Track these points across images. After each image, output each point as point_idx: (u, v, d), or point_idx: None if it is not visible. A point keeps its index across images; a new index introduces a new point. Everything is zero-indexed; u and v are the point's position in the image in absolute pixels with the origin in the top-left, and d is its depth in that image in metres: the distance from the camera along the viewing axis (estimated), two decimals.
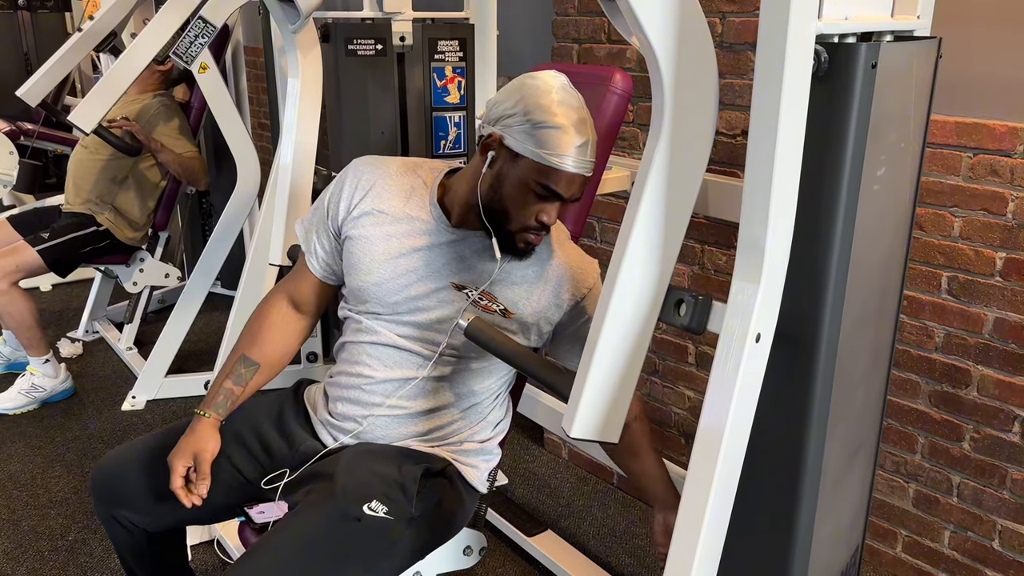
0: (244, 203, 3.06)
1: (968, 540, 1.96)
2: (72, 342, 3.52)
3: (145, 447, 1.55)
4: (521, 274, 1.48)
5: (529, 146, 1.33)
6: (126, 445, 1.58)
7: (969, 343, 1.87)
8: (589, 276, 1.53)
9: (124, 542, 1.57)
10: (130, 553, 1.60)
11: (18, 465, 2.64)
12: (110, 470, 1.53)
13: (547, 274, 1.49)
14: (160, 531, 1.58)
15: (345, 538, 1.32)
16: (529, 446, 2.83)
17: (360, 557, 1.34)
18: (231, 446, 1.54)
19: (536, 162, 1.33)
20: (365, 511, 1.33)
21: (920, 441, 2.00)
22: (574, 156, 1.33)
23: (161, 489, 1.49)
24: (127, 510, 1.52)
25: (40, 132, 4.06)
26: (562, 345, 1.56)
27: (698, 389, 2.37)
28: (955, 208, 1.84)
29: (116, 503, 1.52)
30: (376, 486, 1.37)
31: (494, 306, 1.46)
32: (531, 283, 1.48)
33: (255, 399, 1.61)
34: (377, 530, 1.34)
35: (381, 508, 1.34)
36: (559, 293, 1.50)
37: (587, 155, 1.35)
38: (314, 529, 1.31)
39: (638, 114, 2.35)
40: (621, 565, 2.23)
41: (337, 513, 1.33)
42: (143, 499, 1.51)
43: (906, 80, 1.17)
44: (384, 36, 2.30)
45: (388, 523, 1.35)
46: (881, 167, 1.14)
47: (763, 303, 1.03)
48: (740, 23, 2.06)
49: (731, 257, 2.18)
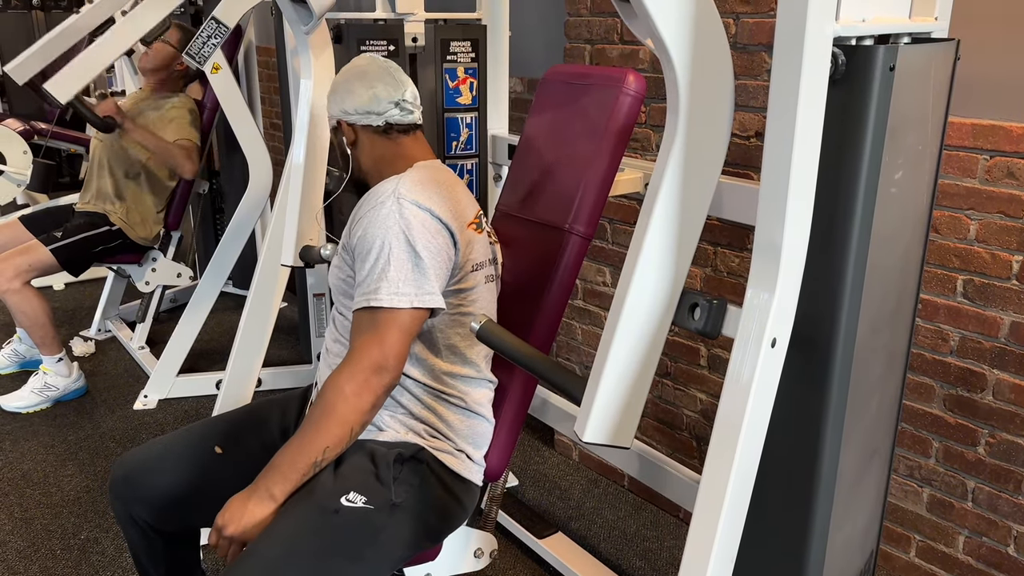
0: (256, 203, 3.07)
1: (983, 545, 1.94)
2: (84, 341, 3.53)
3: (165, 447, 1.57)
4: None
5: None
6: (147, 445, 1.60)
7: (985, 347, 1.85)
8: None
9: (139, 541, 1.58)
10: (144, 553, 1.60)
11: (31, 464, 2.65)
12: (130, 469, 1.55)
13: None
14: (175, 532, 1.59)
15: (326, 532, 1.33)
16: (539, 448, 2.83)
17: (343, 549, 1.34)
18: (236, 449, 1.55)
19: None
20: (343, 503, 1.35)
21: (935, 445, 1.99)
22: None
23: (180, 490, 1.51)
24: (144, 509, 1.53)
25: (53, 132, 4.08)
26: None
27: (710, 392, 2.36)
28: (971, 211, 1.82)
29: (134, 502, 1.53)
30: (352, 477, 1.39)
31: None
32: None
33: (264, 400, 1.62)
34: (358, 520, 1.35)
35: (359, 498, 1.36)
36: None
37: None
38: (295, 528, 1.32)
39: (650, 115, 2.34)
40: (632, 568, 2.22)
41: (315, 509, 1.34)
42: (161, 499, 1.52)
43: (924, 82, 1.16)
44: (396, 37, 2.30)
45: (368, 512, 1.36)
46: (898, 170, 1.13)
47: (779, 307, 1.03)
48: (754, 24, 2.05)
49: (744, 259, 2.17)
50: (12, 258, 2.90)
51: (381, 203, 1.44)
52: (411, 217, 1.41)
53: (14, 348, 3.28)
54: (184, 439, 1.57)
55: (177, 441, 1.58)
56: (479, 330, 1.35)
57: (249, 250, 3.34)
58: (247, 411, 1.67)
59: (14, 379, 3.19)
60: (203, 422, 1.65)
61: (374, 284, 1.38)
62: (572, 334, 2.73)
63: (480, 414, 1.57)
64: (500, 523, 2.29)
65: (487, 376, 1.59)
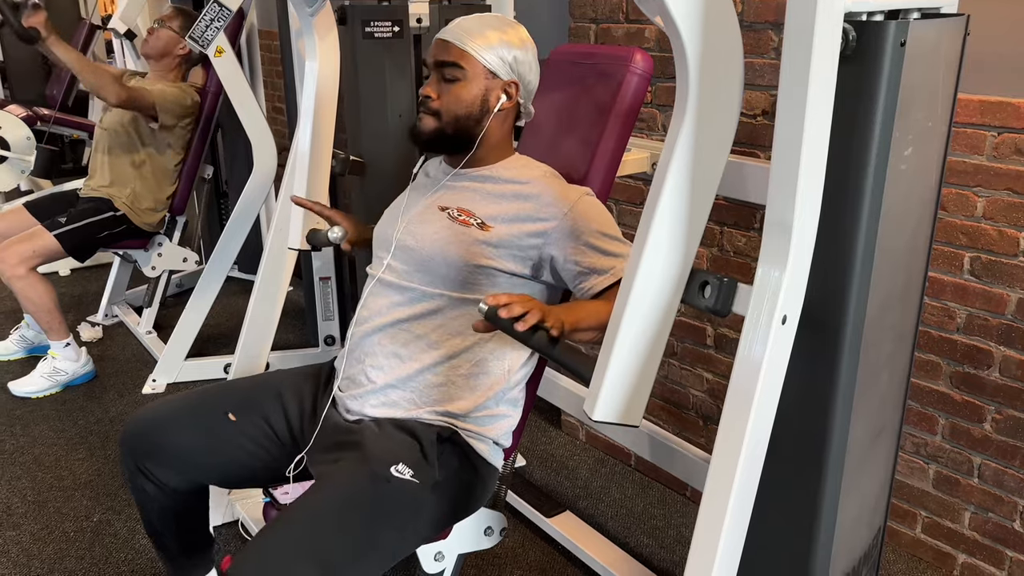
0: (261, 187, 3.07)
1: (989, 521, 1.96)
2: (92, 326, 3.55)
3: (180, 404, 1.60)
4: (499, 191, 1.54)
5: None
6: (160, 401, 1.62)
7: (991, 324, 1.86)
8: (572, 193, 1.53)
9: (150, 499, 1.60)
10: (155, 511, 1.63)
11: (42, 448, 2.67)
12: (144, 424, 1.57)
13: (525, 191, 1.53)
14: (186, 490, 1.61)
15: (377, 499, 1.36)
16: (546, 428, 2.84)
17: (392, 518, 1.37)
18: (248, 418, 1.56)
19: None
20: (393, 473, 1.37)
21: (941, 422, 1.99)
22: (443, 29, 1.54)
23: (191, 447, 1.54)
24: (156, 465, 1.56)
25: (56, 117, 4.08)
26: (569, 256, 1.50)
27: (716, 371, 2.36)
28: (979, 188, 1.82)
29: (147, 457, 1.56)
30: (399, 451, 1.42)
31: (472, 221, 1.51)
32: (509, 199, 1.53)
33: (278, 372, 1.65)
34: (406, 492, 1.38)
35: (407, 471, 1.39)
36: (539, 210, 1.50)
37: (451, 27, 1.53)
38: (347, 491, 1.35)
39: (656, 95, 2.33)
40: (640, 545, 2.24)
41: (368, 475, 1.37)
42: (172, 454, 1.55)
43: (934, 58, 1.16)
44: (401, 18, 2.29)
45: (415, 486, 1.39)
46: (908, 147, 1.13)
47: (790, 285, 1.03)
48: (760, 2, 2.04)
49: (750, 239, 2.17)
50: (17, 244, 2.90)
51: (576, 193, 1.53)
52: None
53: (22, 334, 3.29)
54: (198, 400, 1.62)
55: (190, 401, 1.61)
56: (487, 310, 1.35)
57: (254, 235, 3.34)
58: (262, 380, 1.70)
59: (23, 364, 3.20)
60: (218, 386, 1.69)
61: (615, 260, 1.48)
62: None
63: (507, 411, 1.60)
64: (508, 502, 2.30)
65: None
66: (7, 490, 2.45)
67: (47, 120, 4.00)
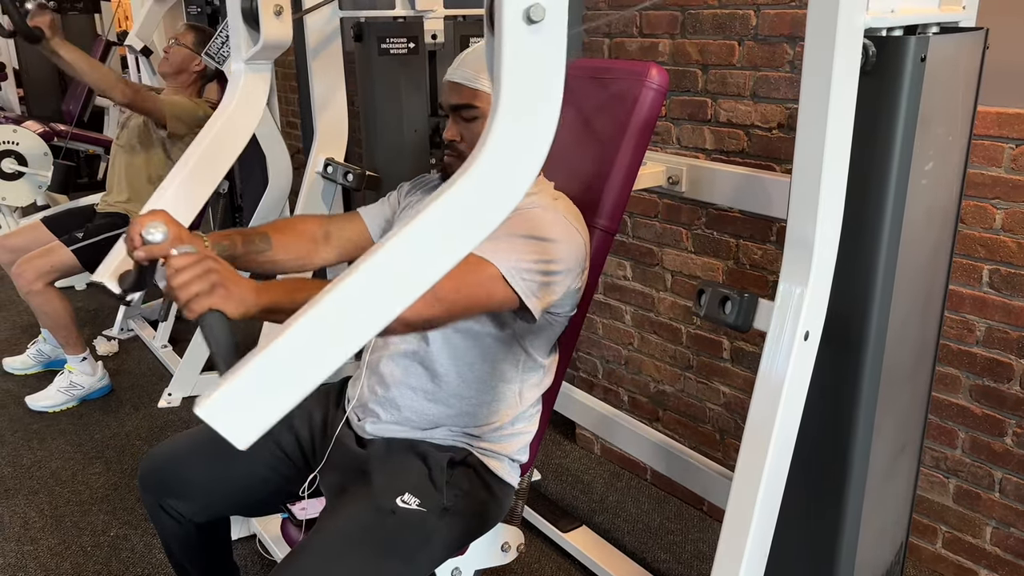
0: (276, 202, 3.08)
1: (1011, 536, 1.94)
2: (108, 340, 3.56)
3: (195, 438, 1.59)
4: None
5: None
6: (175, 437, 1.63)
7: (1011, 337, 1.84)
8: (542, 207, 1.45)
9: (172, 533, 1.60)
10: (178, 544, 1.63)
11: (59, 462, 2.69)
12: (161, 460, 1.58)
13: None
14: (207, 521, 1.62)
15: (383, 532, 1.35)
16: (561, 441, 2.83)
17: (399, 550, 1.36)
18: (279, 428, 1.56)
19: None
20: (399, 504, 1.37)
21: (961, 436, 1.98)
22: (449, 69, 1.51)
23: (209, 481, 1.54)
24: (176, 499, 1.56)
25: (73, 133, 4.12)
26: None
27: (733, 384, 2.35)
28: (997, 200, 1.81)
29: (166, 493, 1.56)
30: (406, 479, 1.41)
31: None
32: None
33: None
34: (413, 523, 1.37)
35: (414, 500, 1.38)
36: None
37: (456, 66, 1.49)
38: (353, 525, 1.34)
39: (670, 108, 2.33)
40: (657, 561, 2.23)
41: (373, 508, 1.36)
42: (193, 488, 1.55)
43: (954, 73, 1.16)
44: (416, 34, 2.31)
45: (422, 515, 1.38)
46: (929, 161, 1.13)
47: (812, 301, 1.03)
48: (775, 15, 2.04)
49: (766, 252, 2.16)
50: (34, 260, 2.93)
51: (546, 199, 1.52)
52: None
53: (39, 348, 3.31)
54: (210, 431, 1.58)
55: (205, 433, 1.59)
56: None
57: None
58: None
59: (40, 379, 3.22)
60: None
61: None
62: (593, 329, 2.73)
63: (523, 428, 1.59)
64: (525, 517, 2.30)
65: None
66: (24, 504, 2.46)
67: (64, 136, 4.03)
